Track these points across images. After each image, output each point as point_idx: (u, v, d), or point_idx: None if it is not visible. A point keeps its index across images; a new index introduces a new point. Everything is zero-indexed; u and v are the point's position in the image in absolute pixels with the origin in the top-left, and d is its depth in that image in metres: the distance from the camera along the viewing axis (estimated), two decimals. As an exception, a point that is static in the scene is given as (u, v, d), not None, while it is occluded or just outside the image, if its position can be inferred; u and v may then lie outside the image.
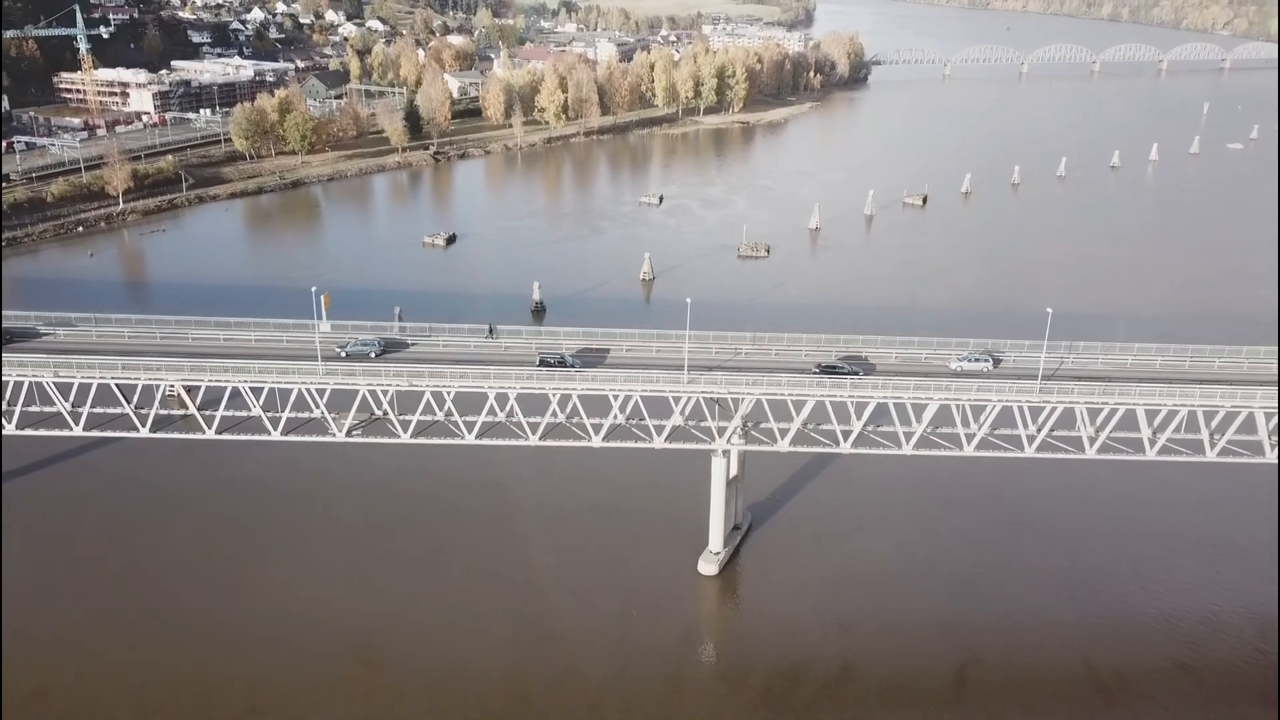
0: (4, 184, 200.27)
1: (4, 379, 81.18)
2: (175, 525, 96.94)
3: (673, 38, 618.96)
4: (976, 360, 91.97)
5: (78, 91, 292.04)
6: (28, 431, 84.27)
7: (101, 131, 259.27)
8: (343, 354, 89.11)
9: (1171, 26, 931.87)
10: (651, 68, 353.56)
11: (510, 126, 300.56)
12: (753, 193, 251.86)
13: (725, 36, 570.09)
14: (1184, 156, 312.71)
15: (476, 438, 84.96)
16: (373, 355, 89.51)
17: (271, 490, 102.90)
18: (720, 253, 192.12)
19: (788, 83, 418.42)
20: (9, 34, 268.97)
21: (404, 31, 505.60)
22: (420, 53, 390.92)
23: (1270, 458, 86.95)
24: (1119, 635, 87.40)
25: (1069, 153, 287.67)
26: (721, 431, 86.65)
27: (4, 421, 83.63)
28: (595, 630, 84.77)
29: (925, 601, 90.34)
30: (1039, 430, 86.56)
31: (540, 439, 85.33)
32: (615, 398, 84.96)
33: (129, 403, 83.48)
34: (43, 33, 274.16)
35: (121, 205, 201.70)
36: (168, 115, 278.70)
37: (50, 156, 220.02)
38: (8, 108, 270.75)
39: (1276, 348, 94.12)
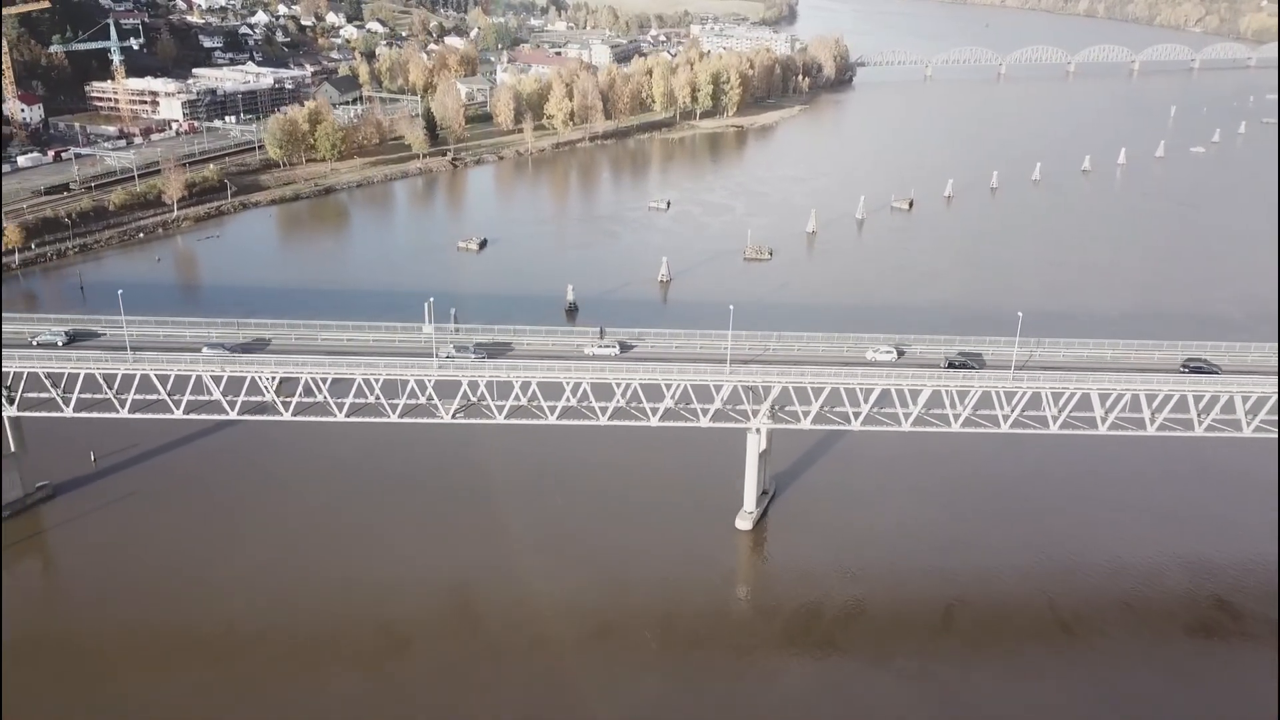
0: (66, 192, 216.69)
1: (172, 372, 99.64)
2: (311, 494, 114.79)
3: (662, 38, 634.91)
4: (606, 346, 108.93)
5: (110, 100, 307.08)
6: (192, 415, 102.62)
7: (139, 139, 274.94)
8: (34, 342, 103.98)
9: (1145, 23, 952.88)
10: (649, 73, 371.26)
11: (520, 131, 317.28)
12: (750, 198, 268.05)
13: (714, 37, 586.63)
14: (1150, 161, 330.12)
15: (557, 419, 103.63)
16: (60, 344, 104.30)
17: (376, 467, 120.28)
18: (728, 255, 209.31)
19: (778, 86, 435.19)
20: (55, 49, 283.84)
21: (404, 33, 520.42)
22: (423, 56, 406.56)
23: (1199, 432, 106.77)
24: (1075, 581, 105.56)
25: (1044, 156, 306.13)
26: (755, 413, 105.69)
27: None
28: (656, 574, 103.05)
29: (919, 553, 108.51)
30: (1012, 410, 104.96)
31: (608, 419, 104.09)
32: (668, 386, 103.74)
33: (269, 392, 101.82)
34: (83, 46, 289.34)
35: (176, 212, 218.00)
36: (195, 123, 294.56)
37: (102, 166, 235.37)
38: (43, 116, 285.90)
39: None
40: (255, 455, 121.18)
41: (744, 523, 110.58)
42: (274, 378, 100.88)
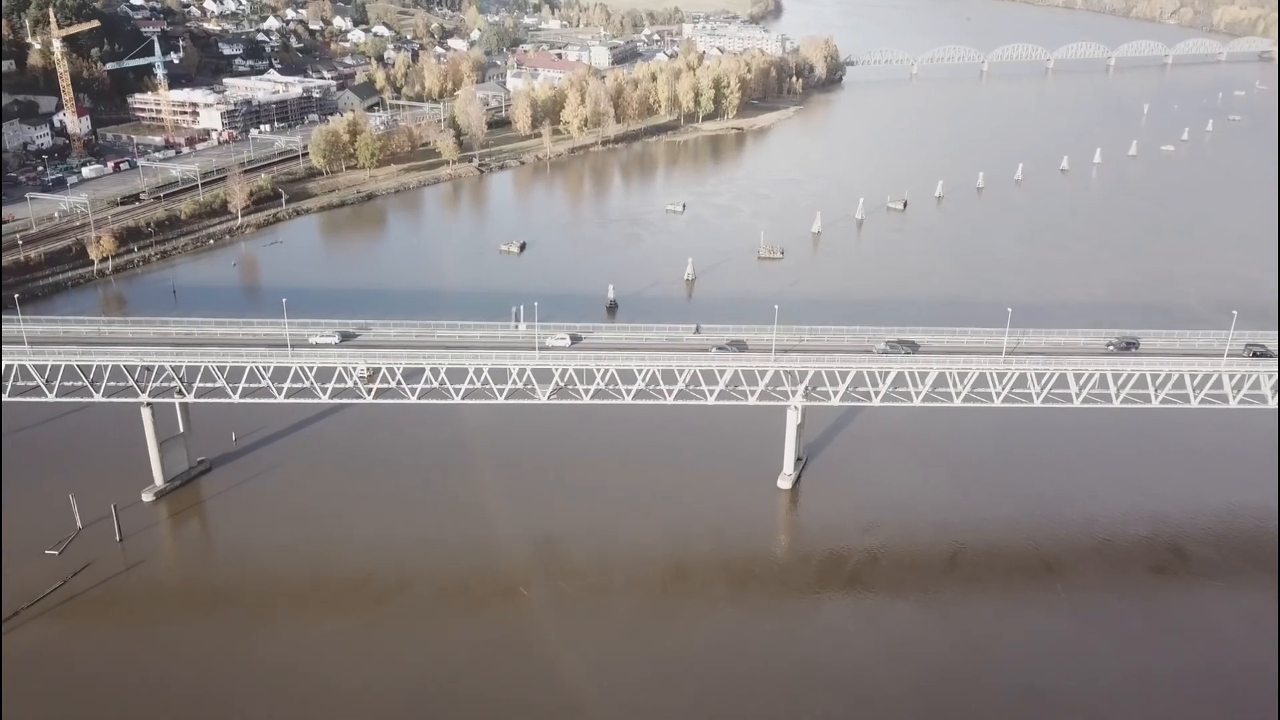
0: (137, 202, 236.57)
1: (316, 364, 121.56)
2: (423, 467, 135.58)
3: (656, 37, 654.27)
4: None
5: (151, 111, 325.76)
6: (335, 400, 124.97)
7: (185, 149, 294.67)
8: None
9: (1122, 15, 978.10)
10: (654, 78, 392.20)
11: (536, 136, 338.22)
12: (755, 200, 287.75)
13: (706, 36, 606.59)
14: (1124, 159, 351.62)
15: (632, 399, 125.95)
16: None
17: (476, 444, 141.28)
18: (742, 255, 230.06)
19: (773, 88, 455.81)
20: (109, 66, 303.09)
21: (408, 35, 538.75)
22: (434, 60, 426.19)
23: (1155, 404, 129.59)
24: (1055, 530, 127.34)
25: (1025, 156, 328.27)
26: (794, 393, 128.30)
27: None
28: (714, 526, 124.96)
29: (926, 509, 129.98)
30: (1003, 389, 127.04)
31: (674, 399, 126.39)
32: (721, 372, 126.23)
33: (394, 379, 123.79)
34: (134, 63, 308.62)
35: (240, 220, 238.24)
36: (233, 132, 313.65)
37: (164, 176, 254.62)
38: (90, 127, 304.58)
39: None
40: (370, 435, 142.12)
41: (784, 483, 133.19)
42: (399, 367, 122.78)
